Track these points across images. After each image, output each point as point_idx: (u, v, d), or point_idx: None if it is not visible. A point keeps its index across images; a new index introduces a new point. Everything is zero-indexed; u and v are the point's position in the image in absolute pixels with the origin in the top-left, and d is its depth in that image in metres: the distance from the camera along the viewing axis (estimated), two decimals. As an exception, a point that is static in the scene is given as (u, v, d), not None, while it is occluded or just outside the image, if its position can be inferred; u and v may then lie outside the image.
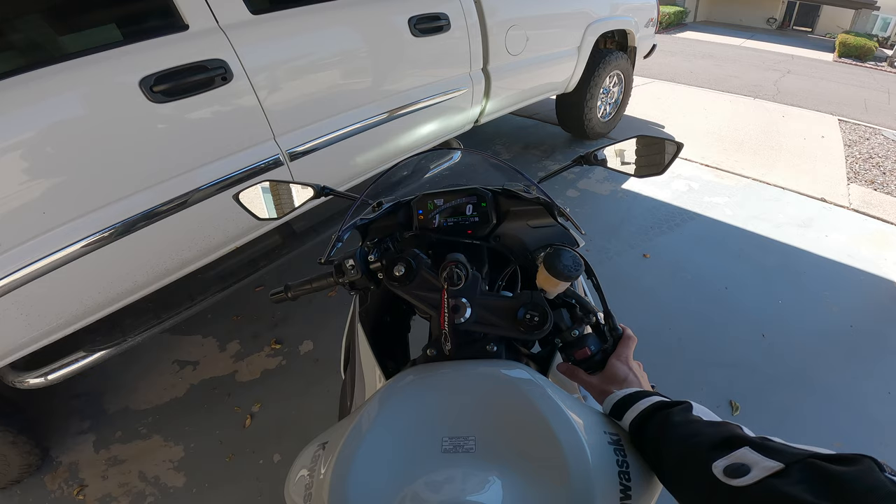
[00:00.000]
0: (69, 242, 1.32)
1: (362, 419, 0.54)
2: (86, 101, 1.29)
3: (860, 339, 2.17)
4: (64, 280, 1.34)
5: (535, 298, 0.63)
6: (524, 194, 0.80)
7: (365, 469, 0.48)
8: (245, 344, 2.14)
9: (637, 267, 2.59)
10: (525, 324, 0.61)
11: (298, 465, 0.58)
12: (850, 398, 1.90)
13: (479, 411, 0.53)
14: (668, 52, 9.44)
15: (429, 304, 0.65)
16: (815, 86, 7.80)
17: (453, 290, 0.62)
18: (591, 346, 0.67)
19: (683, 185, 3.45)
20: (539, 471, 0.47)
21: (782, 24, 17.57)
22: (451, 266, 0.62)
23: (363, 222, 0.83)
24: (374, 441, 0.51)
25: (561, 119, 3.86)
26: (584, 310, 0.69)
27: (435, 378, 0.60)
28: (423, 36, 2.08)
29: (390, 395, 0.58)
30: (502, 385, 0.57)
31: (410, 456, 0.50)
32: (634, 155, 0.91)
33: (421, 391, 0.58)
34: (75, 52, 1.27)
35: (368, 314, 0.84)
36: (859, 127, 5.13)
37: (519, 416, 0.52)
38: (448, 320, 0.61)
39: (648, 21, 3.81)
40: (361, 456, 0.49)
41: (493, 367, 0.61)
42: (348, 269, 0.72)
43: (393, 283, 0.66)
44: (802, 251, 2.75)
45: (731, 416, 1.81)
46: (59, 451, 1.74)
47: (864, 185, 3.64)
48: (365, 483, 0.47)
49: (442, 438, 0.51)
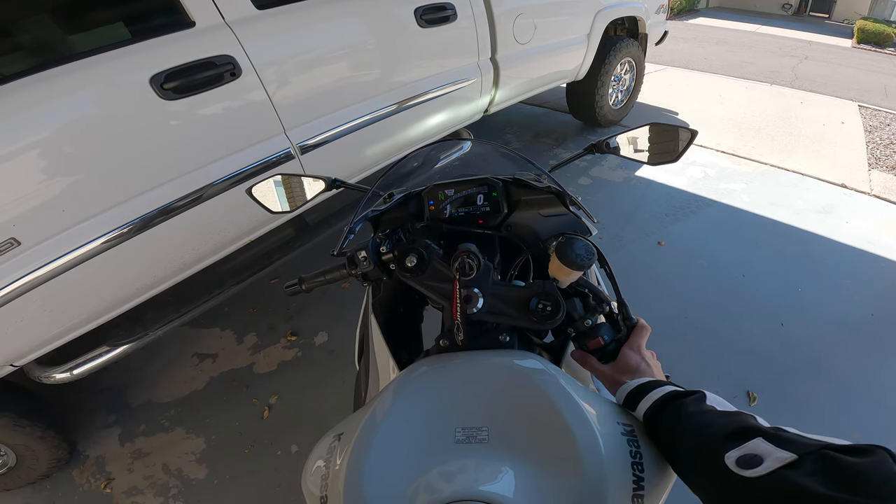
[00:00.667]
0: (89, 239, 1.35)
1: (377, 410, 0.55)
2: (98, 99, 1.31)
3: (881, 329, 2.12)
4: (85, 276, 1.37)
5: (548, 288, 0.63)
6: (535, 183, 0.80)
7: (379, 460, 0.49)
8: (262, 336, 2.18)
9: (651, 254, 2.56)
10: (537, 314, 0.61)
11: (315, 456, 0.59)
12: (869, 388, 1.86)
13: (492, 402, 0.53)
14: (680, 39, 9.24)
15: (441, 295, 0.65)
16: (834, 72, 7.58)
17: (465, 280, 0.61)
18: (604, 335, 0.66)
19: (699, 172, 3.39)
20: (552, 462, 0.47)
21: (798, 10, 17.08)
22: (463, 256, 0.62)
23: (375, 214, 0.83)
24: (389, 432, 0.51)
25: (572, 107, 3.82)
26: (598, 299, 0.69)
27: (448, 368, 0.60)
28: (430, 27, 2.07)
29: (404, 386, 0.58)
30: (515, 375, 0.57)
31: (424, 446, 0.50)
32: (647, 142, 0.90)
33: (434, 382, 0.59)
34: (85, 51, 1.30)
35: (381, 305, 0.84)
36: (880, 113, 4.98)
37: (532, 406, 0.52)
38: (460, 310, 0.61)
39: (659, 7, 3.75)
40: (376, 447, 0.50)
41: (505, 357, 0.61)
42: (361, 260, 0.73)
43: (405, 274, 0.66)
44: (822, 238, 2.69)
45: (748, 406, 1.78)
46: (86, 445, 1.79)
47: (886, 171, 3.54)
48: (380, 473, 0.48)
49: (455, 429, 0.51)
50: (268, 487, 1.62)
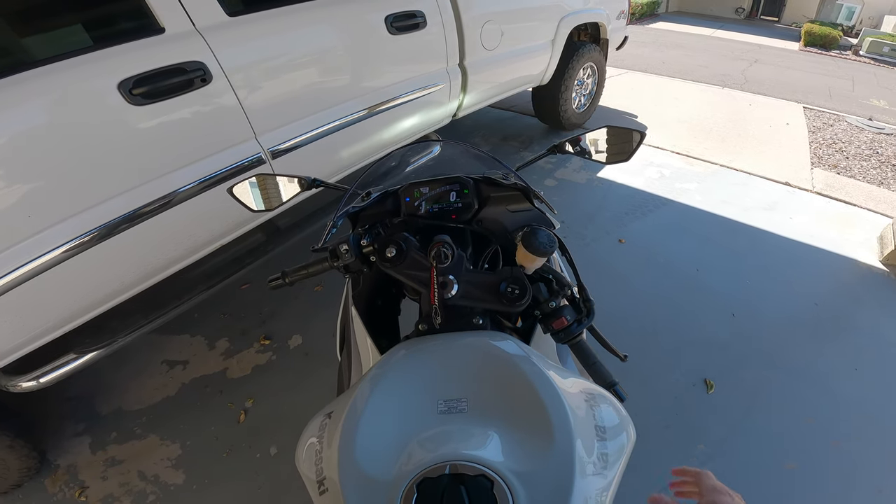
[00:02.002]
0: (55, 245, 1.33)
1: (364, 388, 0.60)
2: (65, 105, 1.30)
3: (825, 317, 2.28)
4: (50, 284, 1.36)
5: (515, 273, 0.70)
6: (503, 181, 0.87)
7: (370, 431, 0.54)
8: (234, 341, 2.17)
9: (613, 252, 2.69)
10: (507, 296, 0.68)
11: (307, 435, 0.64)
12: (817, 375, 1.99)
13: (469, 377, 0.60)
14: (641, 43, 9.56)
15: (419, 282, 0.71)
16: (782, 74, 8.03)
17: (441, 267, 0.68)
18: (567, 316, 0.73)
19: (655, 173, 3.57)
20: (526, 427, 0.54)
21: (750, 14, 17.80)
22: (439, 246, 0.68)
23: (355, 210, 0.88)
24: (377, 405, 0.57)
25: (537, 111, 3.94)
26: (560, 283, 0.76)
27: (428, 348, 0.66)
28: (400, 34, 2.12)
29: (388, 366, 0.64)
30: (490, 353, 0.63)
31: (410, 417, 0.56)
32: (605, 143, 0.99)
33: (416, 360, 0.65)
34: (55, 55, 1.28)
35: (361, 297, 0.90)
36: (823, 114, 5.32)
37: (506, 379, 0.59)
38: (438, 295, 0.67)
39: (620, 13, 3.90)
40: (366, 419, 0.55)
41: (480, 336, 0.68)
42: (343, 253, 0.78)
43: (385, 264, 0.72)
44: (768, 233, 2.89)
45: (706, 394, 1.90)
46: (56, 455, 1.75)
47: (827, 170, 3.80)
48: (370, 442, 0.53)
49: (437, 401, 0.57)
50: (249, 490, 1.62)
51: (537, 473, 0.50)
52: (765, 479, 1.63)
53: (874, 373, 2.01)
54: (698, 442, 1.73)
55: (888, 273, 2.58)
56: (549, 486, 0.50)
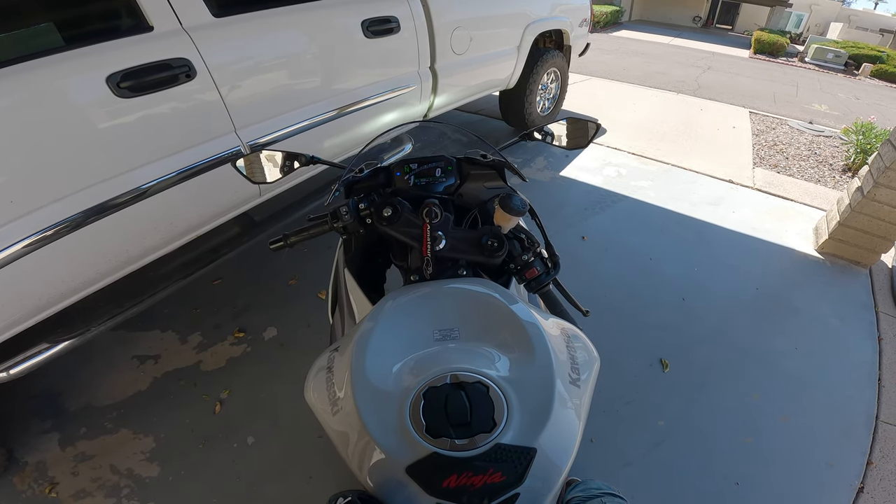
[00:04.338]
0: (30, 233, 1.33)
1: (366, 324, 0.69)
2: (56, 96, 1.33)
3: (765, 300, 2.51)
4: (21, 273, 1.35)
5: (494, 230, 0.82)
6: (481, 159, 0.99)
7: (377, 355, 0.63)
8: (207, 335, 2.16)
9: (575, 244, 2.86)
10: (488, 248, 0.80)
11: (316, 368, 0.72)
12: (762, 354, 2.15)
13: (459, 312, 0.70)
14: (604, 51, 9.97)
15: (412, 238, 0.81)
16: (732, 80, 8.55)
17: (433, 223, 0.79)
18: (537, 266, 0.86)
19: (614, 172, 3.79)
20: (511, 349, 0.65)
21: (706, 23, 18.60)
22: (430, 206, 0.80)
23: (356, 179, 0.99)
24: (381, 334, 0.66)
25: (504, 114, 4.08)
26: (531, 241, 0.89)
27: (422, 292, 0.76)
28: (375, 37, 2.21)
29: (388, 304, 0.73)
30: (476, 292, 0.74)
31: (410, 344, 0.66)
32: (566, 132, 1.13)
33: (411, 301, 0.74)
34: (47, 49, 1.33)
35: (353, 262, 1.00)
36: (767, 118, 5.75)
37: (491, 312, 0.69)
38: (430, 248, 0.77)
39: (582, 21, 4.08)
40: (373, 344, 0.64)
41: (466, 281, 0.79)
42: (343, 214, 0.88)
43: (382, 223, 0.82)
44: (713, 226, 3.14)
45: (662, 372, 2.05)
46: (23, 452, 1.71)
47: (768, 169, 4.14)
48: (379, 364, 0.62)
49: (433, 331, 0.67)
50: (226, 480, 1.63)
51: (524, 380, 0.60)
52: (725, 453, 1.75)
53: (813, 351, 2.21)
54: (658, 418, 1.86)
55: (823, 260, 2.85)
56: (535, 389, 0.60)
